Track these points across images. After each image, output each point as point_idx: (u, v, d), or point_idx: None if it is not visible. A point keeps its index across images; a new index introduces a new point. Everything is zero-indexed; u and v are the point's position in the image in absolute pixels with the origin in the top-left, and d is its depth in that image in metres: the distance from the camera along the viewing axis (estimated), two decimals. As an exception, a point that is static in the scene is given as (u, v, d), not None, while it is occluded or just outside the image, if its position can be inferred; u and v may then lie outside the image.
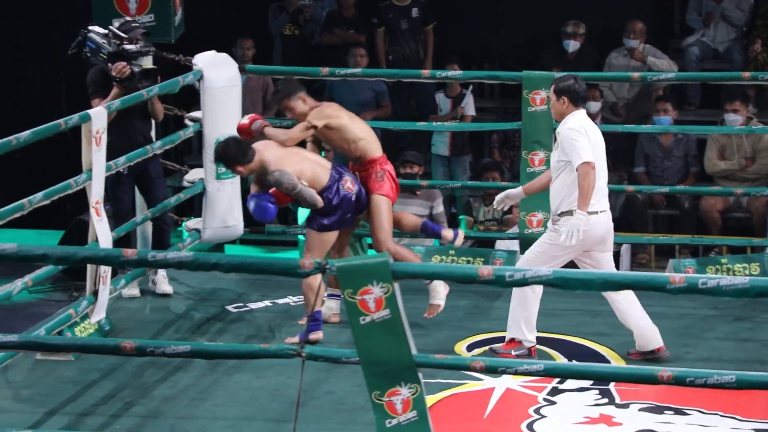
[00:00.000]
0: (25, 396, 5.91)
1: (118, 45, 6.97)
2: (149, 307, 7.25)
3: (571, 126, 6.21)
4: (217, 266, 4.32)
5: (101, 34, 7.02)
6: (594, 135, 6.26)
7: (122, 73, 6.91)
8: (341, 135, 6.73)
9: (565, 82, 6.29)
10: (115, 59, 6.94)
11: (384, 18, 10.59)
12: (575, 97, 6.26)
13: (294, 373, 5.85)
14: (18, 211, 5.85)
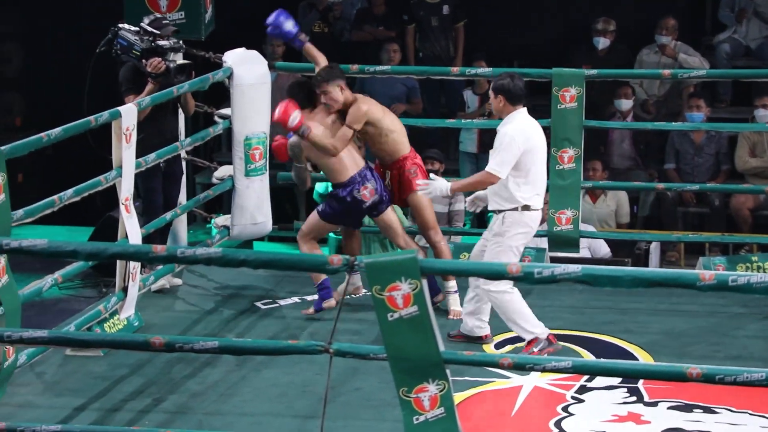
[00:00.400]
0: (54, 391, 5.94)
1: (151, 41, 6.99)
2: (178, 303, 7.28)
3: (509, 133, 6.17)
4: (245, 262, 4.33)
5: (132, 31, 7.04)
6: (536, 137, 6.25)
7: (158, 68, 6.94)
8: (375, 129, 6.83)
9: (502, 80, 6.25)
10: (149, 55, 6.96)
11: (414, 15, 10.58)
12: (511, 96, 6.23)
13: (322, 369, 5.87)
14: (48, 208, 5.88)
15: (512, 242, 6.24)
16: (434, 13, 10.54)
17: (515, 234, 6.22)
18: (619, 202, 9.48)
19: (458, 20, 10.58)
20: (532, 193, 6.23)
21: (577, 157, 7.55)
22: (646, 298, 7.15)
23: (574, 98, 7.50)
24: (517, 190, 6.20)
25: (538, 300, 7.25)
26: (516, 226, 6.21)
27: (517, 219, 6.21)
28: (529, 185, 6.21)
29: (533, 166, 6.22)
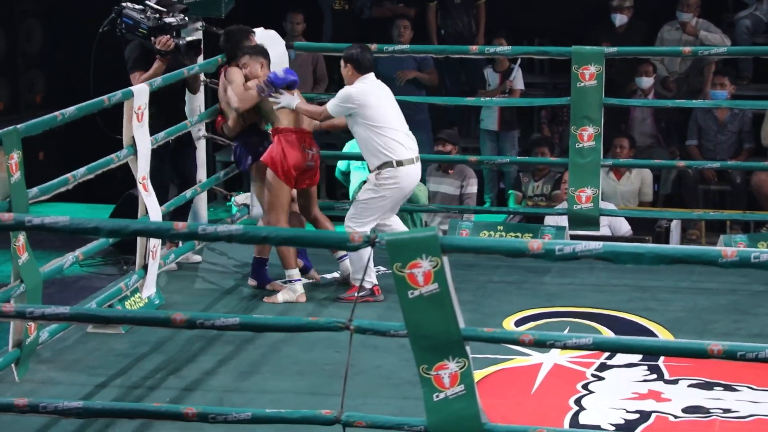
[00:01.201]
0: (76, 368, 5.97)
1: (157, 19, 6.98)
2: (199, 281, 7.29)
3: (349, 89, 6.82)
4: (267, 240, 4.34)
5: (137, 9, 7.03)
6: (382, 95, 6.86)
7: (167, 46, 6.94)
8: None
9: (351, 51, 6.87)
10: (157, 33, 6.96)
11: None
12: (358, 65, 6.83)
13: (341, 347, 5.88)
14: (62, 186, 5.90)
15: (383, 193, 6.80)
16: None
17: (389, 189, 6.80)
18: (643, 180, 9.44)
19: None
20: (404, 149, 6.82)
21: (597, 135, 7.52)
22: (667, 276, 7.14)
23: (593, 76, 7.47)
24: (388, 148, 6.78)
25: (558, 278, 7.26)
26: (390, 181, 6.79)
27: (392, 174, 6.79)
28: (398, 141, 6.80)
29: (393, 121, 6.83)
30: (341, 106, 6.83)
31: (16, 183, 5.43)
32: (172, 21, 6.99)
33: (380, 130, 6.79)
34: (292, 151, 6.87)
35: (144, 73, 7.09)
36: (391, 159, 6.77)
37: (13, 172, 5.40)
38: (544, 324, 6.51)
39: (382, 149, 6.77)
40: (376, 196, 6.80)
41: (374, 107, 6.79)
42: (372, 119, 6.78)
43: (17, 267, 5.54)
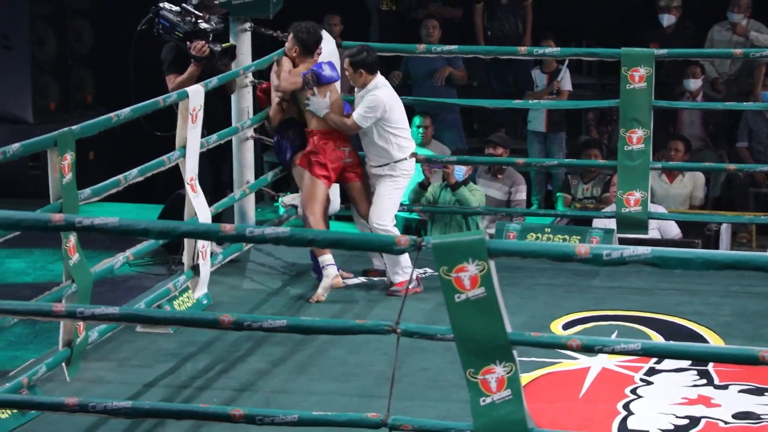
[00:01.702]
0: (125, 368, 6.01)
1: (194, 23, 7.02)
2: (246, 282, 7.32)
3: (376, 95, 6.99)
4: (314, 242, 4.34)
5: (174, 12, 7.07)
6: (390, 99, 7.04)
7: (202, 52, 6.99)
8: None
9: (359, 56, 7.00)
10: (192, 38, 7.00)
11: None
12: (371, 68, 7.02)
13: (388, 350, 5.88)
14: (114, 187, 5.96)
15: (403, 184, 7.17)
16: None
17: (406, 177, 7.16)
18: (696, 184, 9.35)
19: None
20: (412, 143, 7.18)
21: (646, 138, 7.47)
22: (716, 279, 7.08)
23: (643, 78, 7.42)
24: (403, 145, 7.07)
25: (606, 281, 7.22)
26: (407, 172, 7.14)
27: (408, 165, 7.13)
28: (408, 138, 7.13)
29: (404, 120, 7.15)
30: (372, 116, 7.01)
31: (68, 184, 5.47)
32: (207, 27, 7.04)
33: (397, 131, 7.06)
34: (325, 150, 7.03)
35: (179, 76, 7.13)
36: (405, 155, 7.07)
37: (66, 173, 5.45)
38: (592, 327, 6.48)
39: (400, 147, 7.05)
40: (398, 187, 7.10)
41: (395, 110, 7.06)
42: (392, 122, 7.03)
43: (68, 267, 5.59)
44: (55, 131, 5.47)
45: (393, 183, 7.10)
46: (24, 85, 10.24)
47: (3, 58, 10.23)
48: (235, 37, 7.65)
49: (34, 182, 9.60)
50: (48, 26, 10.39)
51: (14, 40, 10.19)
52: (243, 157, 7.77)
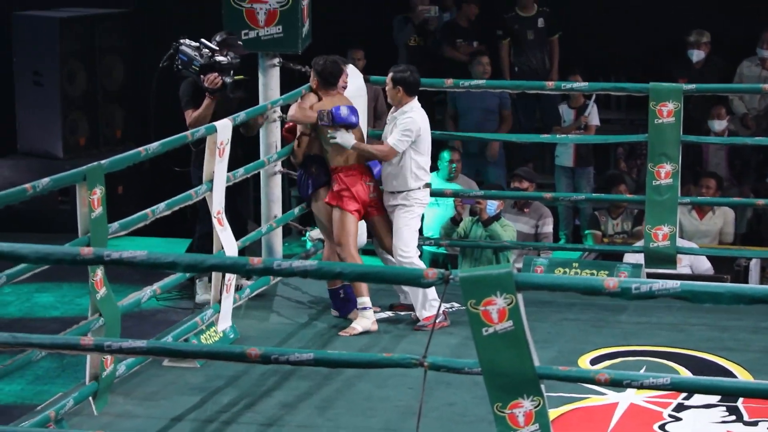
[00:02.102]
0: (152, 401, 6.02)
1: (209, 57, 7.11)
2: (273, 315, 7.32)
3: (412, 117, 6.98)
4: (341, 275, 4.34)
5: (193, 47, 7.17)
6: (424, 123, 7.05)
7: (215, 84, 7.06)
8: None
9: (402, 73, 7.02)
10: (207, 71, 7.08)
11: (509, 29, 10.53)
12: (409, 88, 7.00)
13: (415, 384, 5.86)
14: (141, 221, 5.99)
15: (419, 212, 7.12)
16: (529, 26, 10.48)
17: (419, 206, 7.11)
18: (726, 220, 9.30)
19: (553, 33, 10.51)
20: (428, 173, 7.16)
21: (675, 173, 7.45)
22: (746, 315, 7.03)
23: (671, 113, 7.40)
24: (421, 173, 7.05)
25: (635, 316, 7.18)
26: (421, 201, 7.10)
27: (421, 195, 7.08)
28: (426, 167, 7.09)
29: (428, 148, 7.10)
30: (408, 139, 6.99)
31: (97, 218, 5.50)
32: (223, 60, 7.11)
33: (419, 158, 7.03)
34: (353, 185, 7.01)
35: (195, 110, 7.19)
36: (421, 183, 7.04)
37: (95, 207, 5.48)
38: (621, 363, 6.44)
39: (417, 176, 7.01)
40: (414, 216, 7.07)
41: (423, 138, 7.04)
42: (417, 148, 7.01)
43: (95, 301, 5.61)
44: (84, 166, 5.51)
45: (408, 213, 7.03)
46: (54, 121, 10.32)
47: (34, 94, 10.32)
48: (263, 71, 7.70)
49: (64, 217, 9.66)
50: (79, 62, 10.48)
51: (45, 76, 10.28)
52: (270, 191, 7.79)
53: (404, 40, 10.78)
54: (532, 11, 10.46)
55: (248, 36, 7.55)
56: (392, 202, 7.09)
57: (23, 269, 5.24)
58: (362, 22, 11.10)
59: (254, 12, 7.59)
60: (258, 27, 7.57)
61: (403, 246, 7.01)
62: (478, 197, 8.02)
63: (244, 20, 7.57)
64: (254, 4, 7.59)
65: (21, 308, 8.19)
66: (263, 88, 7.72)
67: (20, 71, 10.35)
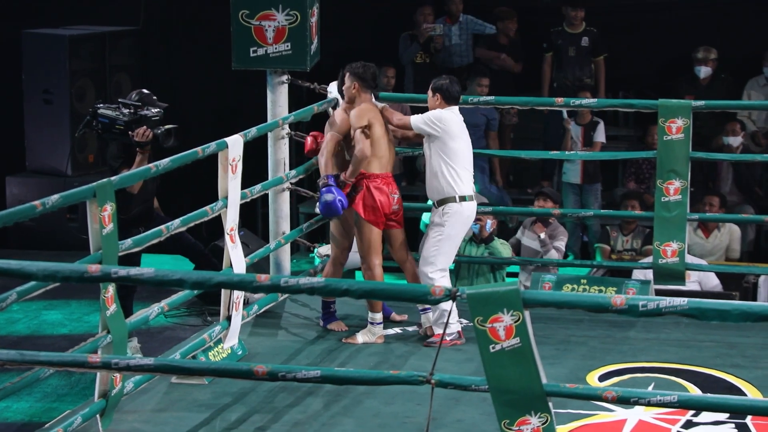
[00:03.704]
0: (159, 419, 6.02)
1: (133, 113, 6.97)
2: (281, 332, 7.32)
3: (444, 112, 6.91)
4: (348, 292, 4.35)
5: (111, 108, 6.98)
6: (463, 130, 6.96)
7: (146, 137, 6.83)
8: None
9: (442, 81, 6.97)
10: (134, 126, 6.90)
11: (553, 43, 10.55)
12: (447, 96, 6.94)
13: (423, 400, 5.86)
14: (156, 237, 6.00)
15: (450, 231, 6.90)
16: (573, 43, 10.49)
17: (455, 225, 6.89)
18: (732, 237, 9.30)
19: (598, 54, 10.49)
20: (468, 185, 6.93)
21: (684, 189, 7.45)
22: (755, 332, 7.01)
23: (680, 129, 7.40)
24: (454, 183, 6.87)
25: (643, 332, 7.17)
26: (455, 216, 6.88)
27: (456, 210, 6.87)
28: (463, 178, 6.90)
29: (464, 158, 6.92)
30: (427, 123, 6.90)
31: (108, 235, 5.51)
32: (148, 113, 6.97)
33: (452, 163, 6.88)
34: (380, 196, 7.00)
35: (130, 169, 6.90)
36: (455, 194, 6.87)
37: (106, 224, 5.49)
38: (629, 379, 6.43)
39: (449, 183, 6.87)
40: (443, 236, 6.89)
41: (455, 139, 6.89)
42: (447, 151, 6.88)
43: (105, 318, 5.61)
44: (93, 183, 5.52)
45: (437, 232, 6.91)
46: (63, 139, 10.35)
47: (43, 112, 10.36)
48: (272, 89, 7.72)
49: (72, 234, 9.69)
50: (88, 80, 10.52)
51: (54, 94, 10.32)
52: (279, 207, 7.80)
53: (410, 57, 10.81)
54: (579, 29, 10.47)
55: (257, 53, 7.57)
56: (432, 217, 7.04)
57: (33, 287, 5.25)
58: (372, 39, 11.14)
59: (263, 29, 7.61)
60: (266, 44, 7.60)
61: (424, 262, 6.92)
62: (486, 214, 8.02)
63: (252, 37, 7.59)
64: (263, 22, 7.61)
65: (29, 326, 8.21)
66: (272, 105, 7.74)
67: (30, 89, 10.39)
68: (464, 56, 10.90)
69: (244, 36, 7.60)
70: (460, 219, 6.89)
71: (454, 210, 6.88)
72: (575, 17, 10.42)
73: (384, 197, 7.01)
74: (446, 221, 6.89)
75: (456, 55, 10.88)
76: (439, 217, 6.91)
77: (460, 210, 6.89)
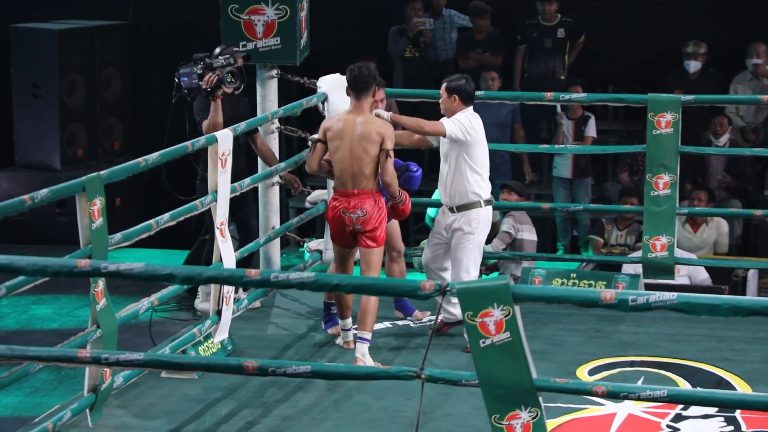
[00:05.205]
0: (149, 413, 6.01)
1: (204, 65, 7.10)
2: (271, 327, 7.32)
3: (472, 118, 6.66)
4: (338, 287, 4.35)
5: (188, 65, 7.16)
6: (483, 133, 6.70)
7: (210, 83, 7.06)
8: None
9: (458, 81, 6.67)
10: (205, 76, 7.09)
11: (528, 36, 10.56)
12: (465, 96, 6.65)
13: (412, 395, 5.86)
14: (145, 232, 5.98)
15: (481, 238, 6.69)
16: (549, 35, 10.49)
17: (483, 229, 6.69)
18: (720, 231, 9.32)
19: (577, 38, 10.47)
20: (489, 188, 6.74)
21: (673, 184, 7.46)
22: (744, 326, 7.03)
23: (669, 124, 7.41)
24: (479, 188, 6.67)
25: (632, 327, 7.18)
26: (482, 221, 6.68)
27: (483, 214, 6.67)
28: (486, 182, 6.70)
29: (486, 161, 6.71)
30: (462, 131, 6.57)
31: (98, 229, 5.50)
32: (215, 61, 7.11)
33: (477, 168, 6.65)
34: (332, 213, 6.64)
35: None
36: (480, 199, 6.68)
37: (95, 218, 5.48)
38: (618, 373, 6.44)
39: (474, 188, 6.65)
40: (475, 245, 6.65)
41: (479, 144, 6.67)
42: (473, 156, 6.64)
43: (95, 312, 5.61)
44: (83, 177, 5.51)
45: (468, 241, 6.63)
46: (52, 133, 10.34)
47: (32, 107, 10.34)
48: (262, 83, 7.71)
49: (61, 229, 9.68)
50: (77, 75, 10.49)
51: (44, 88, 10.30)
52: (269, 201, 7.79)
53: (399, 52, 10.81)
54: (554, 21, 10.48)
55: (246, 48, 7.56)
56: (451, 221, 6.72)
57: (22, 281, 5.24)
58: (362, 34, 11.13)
59: (252, 24, 7.60)
60: (256, 39, 7.59)
61: (463, 274, 6.63)
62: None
63: (242, 32, 7.58)
64: (252, 16, 7.60)
65: (19, 320, 8.20)
66: (261, 100, 7.73)
67: (19, 84, 10.37)
68: (448, 50, 10.92)
69: (233, 30, 7.59)
70: (487, 223, 6.72)
71: (481, 215, 6.66)
72: (548, 11, 10.43)
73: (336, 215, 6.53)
74: (476, 229, 6.64)
75: (441, 50, 10.89)
76: (467, 224, 6.64)
77: (486, 214, 6.70)
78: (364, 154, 6.43)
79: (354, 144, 6.45)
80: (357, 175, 6.47)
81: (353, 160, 6.46)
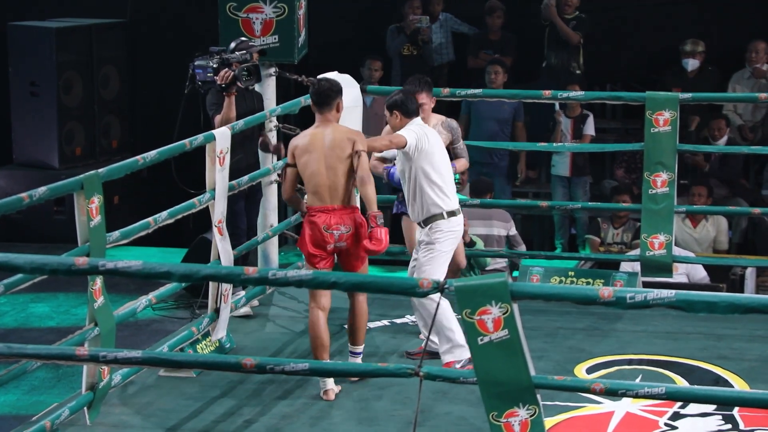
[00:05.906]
0: (147, 411, 6.01)
1: (220, 60, 7.12)
2: (269, 325, 7.32)
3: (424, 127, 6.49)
4: (336, 285, 4.35)
5: (204, 58, 7.18)
6: (434, 139, 6.50)
7: (225, 78, 7.06)
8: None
9: (394, 98, 6.54)
10: (220, 71, 7.09)
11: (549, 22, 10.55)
12: (406, 110, 6.50)
13: (411, 393, 5.86)
14: (144, 230, 5.98)
15: (443, 248, 6.48)
16: None
17: (446, 240, 6.47)
18: (719, 229, 9.33)
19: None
20: (453, 199, 6.53)
21: (671, 182, 7.46)
22: (741, 324, 7.03)
23: (668, 122, 7.42)
24: (438, 199, 6.46)
25: (630, 325, 7.19)
26: (445, 232, 6.47)
27: (445, 226, 6.47)
28: (447, 193, 6.49)
29: (445, 170, 6.49)
30: (418, 139, 6.35)
31: (96, 227, 5.50)
32: (231, 56, 7.12)
33: (435, 179, 6.43)
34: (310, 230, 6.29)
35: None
36: (441, 211, 6.43)
37: (93, 216, 5.48)
38: (616, 371, 6.44)
39: (434, 201, 6.42)
40: (436, 254, 6.43)
41: (435, 153, 6.43)
42: (428, 168, 6.41)
43: (92, 310, 5.61)
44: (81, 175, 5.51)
45: (429, 251, 6.42)
46: (50, 131, 10.32)
47: (30, 105, 10.32)
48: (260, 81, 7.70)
49: (59, 227, 9.67)
50: (75, 73, 10.48)
51: (41, 86, 10.29)
52: (267, 200, 7.79)
53: (397, 49, 10.80)
54: (571, 15, 10.45)
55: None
56: (417, 235, 6.63)
57: (20, 279, 5.24)
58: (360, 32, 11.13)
59: (250, 22, 7.60)
60: (254, 37, 7.58)
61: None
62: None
63: (240, 30, 7.58)
64: (250, 14, 7.60)
65: (16, 318, 8.19)
66: (259, 98, 7.73)
67: (16, 82, 10.35)
68: (444, 54, 10.92)
69: (231, 28, 7.59)
70: (450, 235, 6.46)
71: (443, 227, 6.43)
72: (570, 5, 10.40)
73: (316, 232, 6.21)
74: (438, 239, 6.43)
75: (436, 53, 10.88)
76: (427, 235, 6.44)
77: (449, 226, 6.45)
78: (338, 163, 6.18)
79: (327, 154, 6.19)
80: (334, 187, 6.19)
81: (328, 171, 6.19)
